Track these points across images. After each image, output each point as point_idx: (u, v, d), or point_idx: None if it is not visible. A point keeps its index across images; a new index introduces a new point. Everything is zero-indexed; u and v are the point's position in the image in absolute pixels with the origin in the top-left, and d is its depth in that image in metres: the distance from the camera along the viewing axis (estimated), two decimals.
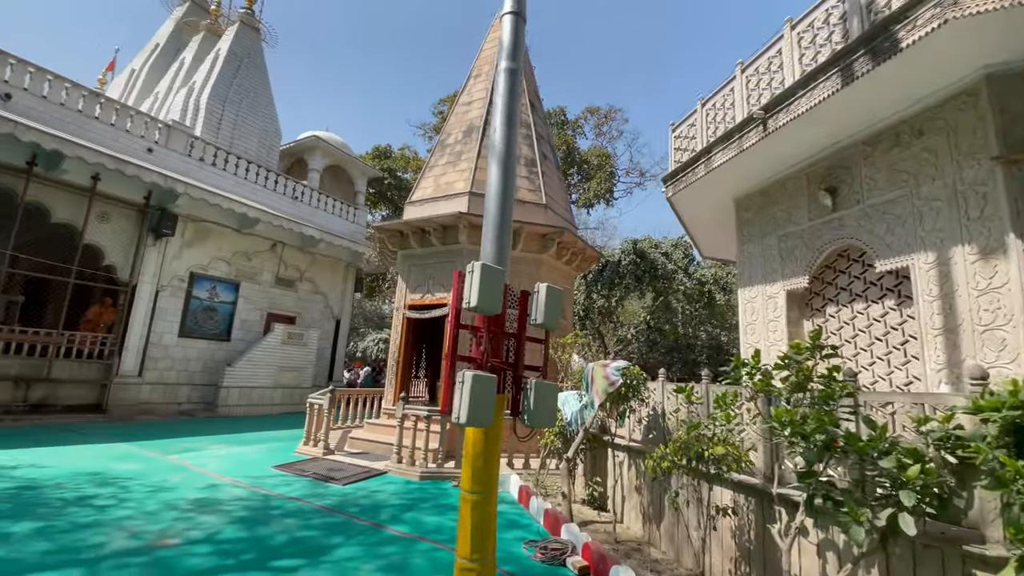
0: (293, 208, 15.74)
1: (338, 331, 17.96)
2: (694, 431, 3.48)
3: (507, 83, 3.55)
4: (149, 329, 12.73)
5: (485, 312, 2.99)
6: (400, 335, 9.62)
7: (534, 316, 3.26)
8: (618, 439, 5.43)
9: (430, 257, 9.59)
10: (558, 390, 3.88)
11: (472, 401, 2.68)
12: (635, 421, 5.25)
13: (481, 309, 2.94)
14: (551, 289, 3.23)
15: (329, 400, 8.21)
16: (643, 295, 14.95)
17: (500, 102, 3.53)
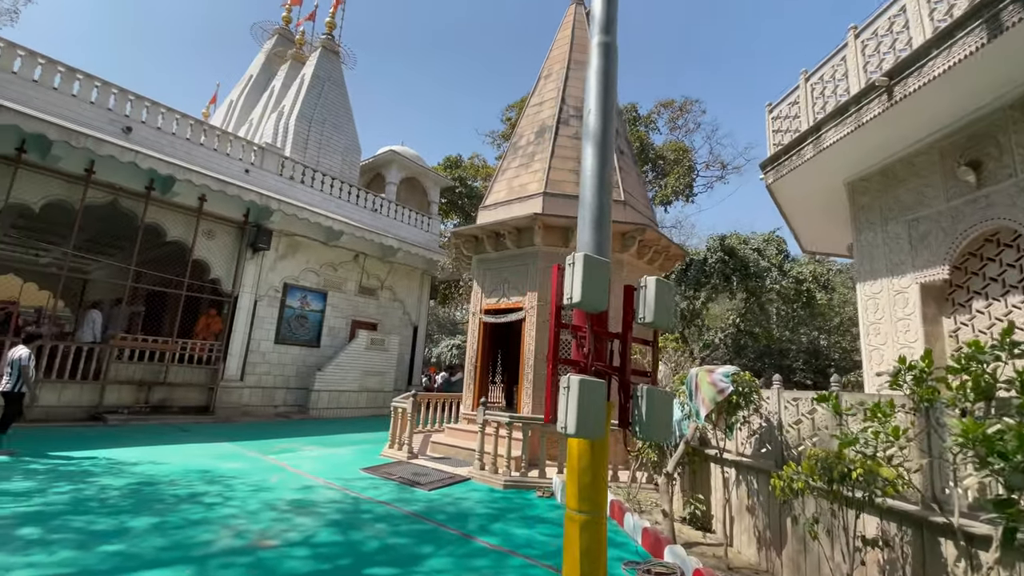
0: (373, 220, 16.38)
1: (416, 337, 18.42)
2: (850, 447, 2.94)
3: (601, 58, 3.26)
4: (249, 336, 13.70)
5: (589, 309, 2.71)
6: (477, 340, 9.56)
7: (642, 314, 2.92)
8: (725, 453, 4.90)
9: (505, 261, 9.46)
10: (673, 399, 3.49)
11: (580, 409, 2.40)
12: (745, 434, 4.71)
13: (585, 305, 2.66)
14: (661, 284, 2.88)
15: (412, 404, 8.28)
16: (733, 296, 13.90)
17: (593, 79, 3.24)
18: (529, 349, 8.65)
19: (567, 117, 10.13)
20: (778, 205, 7.39)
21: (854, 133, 5.25)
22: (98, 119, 11.58)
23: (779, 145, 6.54)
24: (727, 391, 4.34)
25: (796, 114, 6.32)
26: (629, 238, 8.92)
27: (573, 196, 9.22)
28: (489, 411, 7.43)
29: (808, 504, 3.68)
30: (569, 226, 8.75)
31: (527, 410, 8.41)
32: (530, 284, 8.91)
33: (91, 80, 11.63)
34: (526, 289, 8.97)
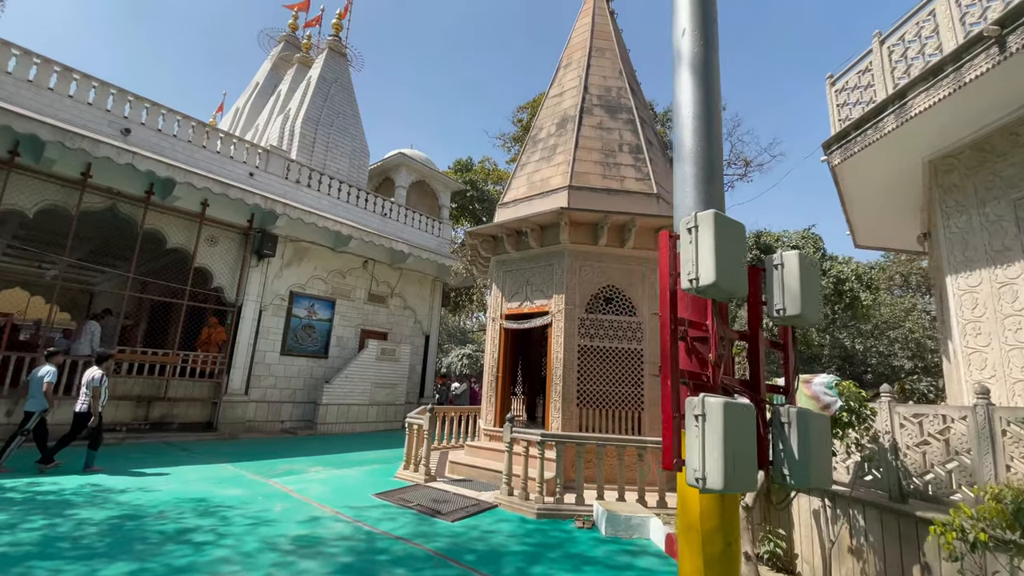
0: (382, 225, 15.72)
1: (428, 346, 17.66)
2: None
3: None
4: (254, 348, 13.01)
5: (723, 293, 1.90)
6: (498, 348, 8.77)
7: (780, 304, 2.10)
8: None
9: (527, 261, 8.70)
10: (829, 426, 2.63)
11: (728, 450, 1.58)
12: (840, 457, 3.87)
13: (718, 287, 1.85)
14: (806, 261, 2.07)
15: (429, 420, 7.49)
16: None
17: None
18: (557, 358, 7.85)
19: (590, 106, 9.40)
20: (840, 192, 6.57)
21: (952, 97, 4.45)
22: (95, 121, 11.03)
23: (846, 120, 5.75)
24: (833, 406, 3.51)
25: (869, 83, 5.53)
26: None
27: (601, 190, 8.47)
28: (520, 428, 6.61)
29: (989, 563, 2.77)
30: (598, 222, 7.98)
31: (556, 426, 7.58)
32: (556, 286, 8.13)
33: (88, 80, 11.11)
34: (551, 291, 8.19)
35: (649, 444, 6.27)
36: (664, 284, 2.13)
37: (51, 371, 7.28)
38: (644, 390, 7.81)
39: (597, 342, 7.92)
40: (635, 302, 8.12)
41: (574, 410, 7.64)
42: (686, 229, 1.97)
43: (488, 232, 8.96)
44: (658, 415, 7.74)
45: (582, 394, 7.74)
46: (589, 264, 8.17)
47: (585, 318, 7.97)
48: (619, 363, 7.88)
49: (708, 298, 2.01)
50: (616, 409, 7.74)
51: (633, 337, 8.00)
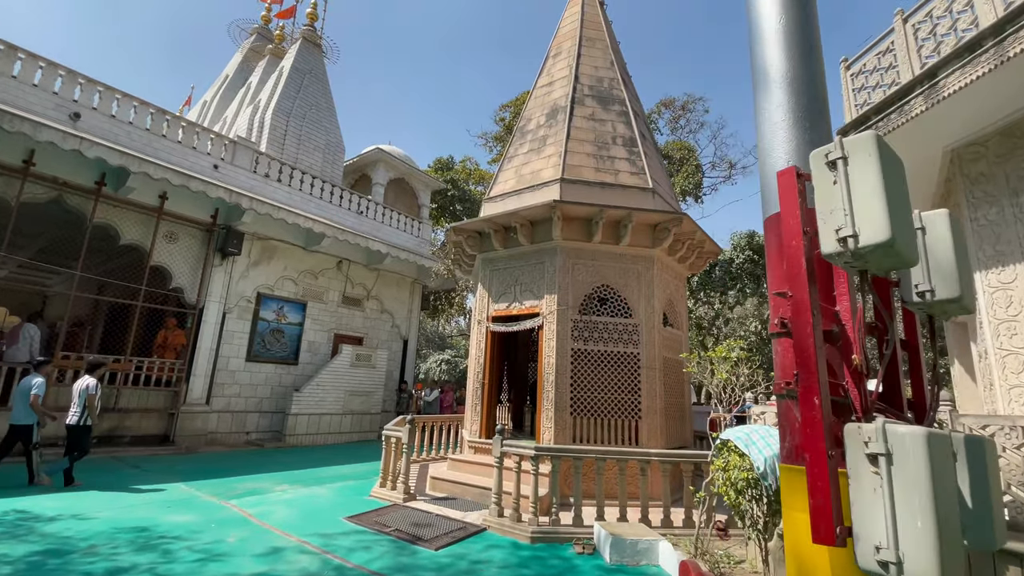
0: (358, 223, 14.93)
1: (406, 351, 16.89)
2: None
3: None
4: (216, 353, 12.05)
5: (895, 262, 1.28)
6: (484, 353, 8.13)
7: (925, 285, 1.51)
8: None
9: (516, 259, 8.11)
10: None
11: (940, 513, 0.98)
12: None
13: (893, 252, 1.23)
14: (956, 224, 1.51)
15: (409, 432, 6.79)
16: (763, 300, 12.71)
17: None
18: (549, 363, 7.26)
19: (582, 96, 8.91)
20: None
21: (992, 74, 4.06)
22: (41, 103, 10.02)
23: (864, 105, 5.36)
24: None
25: (891, 64, 5.14)
26: (662, 230, 7.65)
27: (595, 183, 7.95)
28: (511, 442, 5.98)
29: None
30: (592, 217, 7.45)
31: (548, 436, 6.98)
32: (547, 285, 7.56)
33: (35, 60, 10.10)
34: (542, 291, 7.61)
35: (653, 456, 5.72)
36: (794, 248, 1.50)
37: (39, 382, 6.83)
38: (641, 397, 7.29)
39: (592, 345, 7.37)
40: (631, 303, 7.61)
41: (567, 419, 7.06)
42: (825, 164, 1.36)
43: (474, 228, 8.34)
44: (657, 424, 7.23)
45: (576, 402, 7.17)
46: (582, 262, 7.62)
47: (579, 320, 7.42)
48: (615, 368, 7.34)
49: (857, 268, 1.41)
50: (612, 418, 7.18)
51: (629, 340, 7.48)
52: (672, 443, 7.54)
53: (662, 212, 7.43)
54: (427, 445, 9.79)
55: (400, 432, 6.93)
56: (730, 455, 4.22)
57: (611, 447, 6.97)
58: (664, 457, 5.74)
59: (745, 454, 4.09)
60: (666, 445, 7.25)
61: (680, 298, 8.78)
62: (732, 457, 4.17)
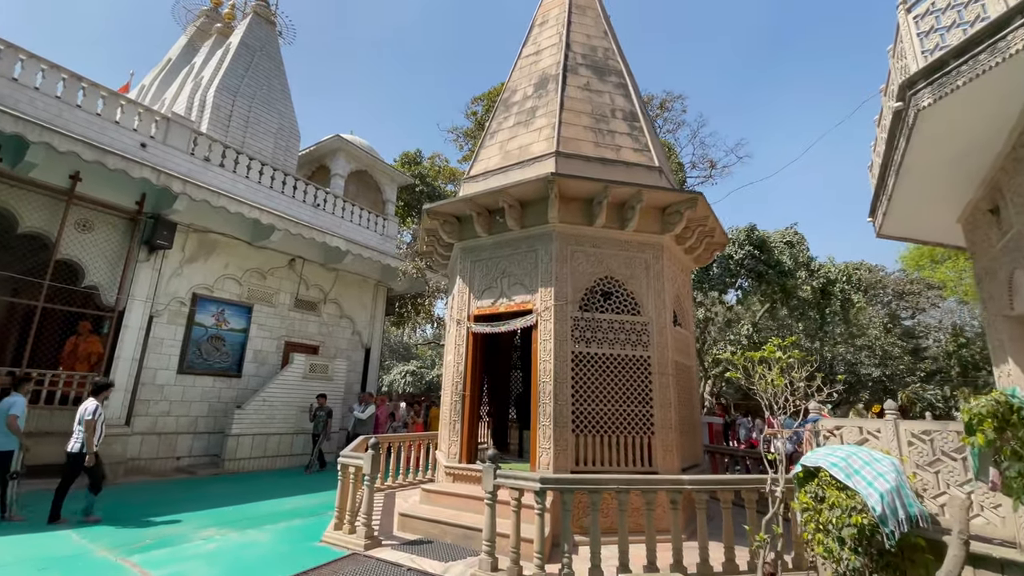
0: (314, 217, 13.32)
1: (368, 362, 15.27)
2: None
3: None
4: (141, 364, 10.19)
5: None
6: (464, 358, 6.80)
7: None
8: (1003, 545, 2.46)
9: (504, 248, 6.85)
10: None
11: None
12: None
13: None
14: None
15: (372, 460, 5.36)
16: (766, 299, 11.84)
17: None
18: (545, 370, 6.01)
19: (575, 65, 7.81)
20: (892, 158, 5.28)
21: None
22: None
23: (938, 49, 4.42)
24: None
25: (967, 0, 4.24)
26: (673, 213, 6.57)
27: (595, 159, 6.84)
28: (506, 471, 4.66)
29: None
30: (595, 195, 6.30)
31: (546, 460, 5.71)
32: (542, 277, 6.33)
33: None
34: (536, 284, 6.38)
35: (687, 484, 4.54)
36: None
37: (19, 402, 6.29)
38: (654, 409, 6.14)
39: (595, 348, 6.17)
40: (639, 298, 6.48)
41: (569, 437, 5.81)
42: None
43: (452, 210, 7.05)
44: (673, 441, 6.09)
45: (579, 417, 5.94)
46: (582, 250, 6.45)
47: (579, 318, 6.22)
48: (622, 375, 6.17)
49: None
50: (620, 434, 5.99)
51: (638, 342, 6.33)
52: (686, 462, 6.42)
53: (676, 191, 6.37)
54: (391, 469, 8.33)
55: (360, 459, 5.50)
56: (825, 489, 3.07)
57: (622, 471, 5.78)
58: (703, 486, 4.56)
59: (849, 488, 2.95)
60: (681, 465, 6.11)
61: (687, 294, 7.75)
62: (830, 493, 3.01)
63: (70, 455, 6.23)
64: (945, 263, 24.45)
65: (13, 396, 6.41)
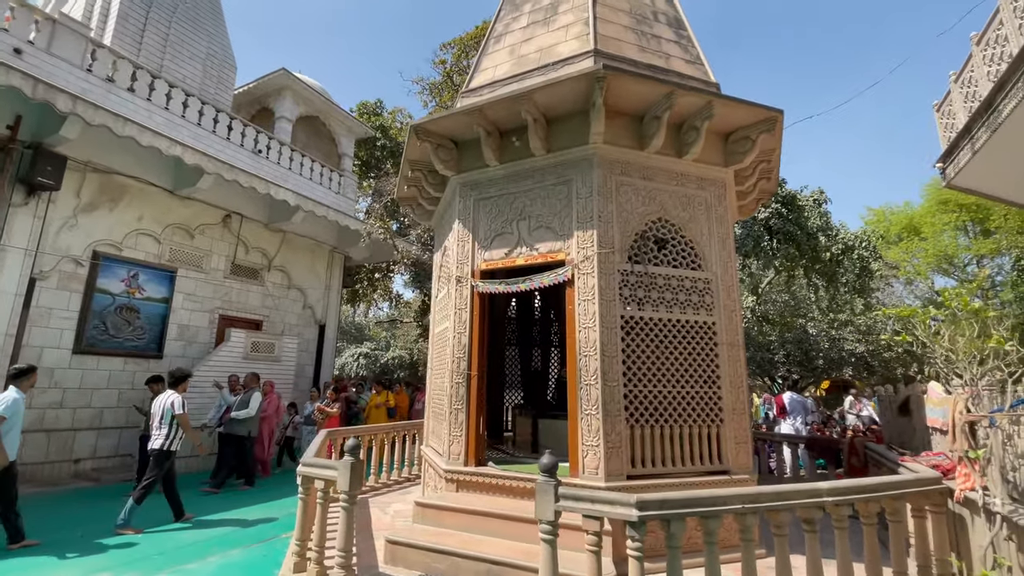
0: (255, 166, 10.99)
1: (323, 340, 13.19)
2: None
3: None
4: (18, 341, 7.78)
5: None
6: (469, 328, 5.10)
7: None
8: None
9: (521, 180, 5.14)
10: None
11: None
12: None
13: None
14: None
15: (352, 471, 3.59)
16: (792, 265, 10.70)
17: None
18: (587, 340, 4.43)
19: None
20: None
21: None
22: None
23: None
24: None
25: None
26: (742, 140, 5.10)
27: (643, 66, 5.21)
28: (573, 488, 3.03)
29: None
30: (651, 107, 4.71)
31: (594, 461, 4.17)
32: (579, 218, 4.70)
33: None
34: (571, 228, 4.74)
35: (825, 496, 3.13)
36: None
37: (11, 399, 4.94)
38: (722, 390, 4.71)
39: (649, 311, 4.65)
40: (700, 248, 5.00)
41: (623, 430, 4.28)
42: None
43: (450, 129, 5.25)
44: (745, 431, 4.72)
45: (632, 402, 4.42)
46: (630, 183, 4.86)
47: (629, 272, 4.66)
48: (683, 346, 4.69)
49: None
50: (682, 424, 4.53)
51: (701, 303, 4.86)
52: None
53: (755, 105, 4.86)
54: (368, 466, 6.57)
55: (332, 471, 3.71)
56: None
57: (686, 472, 4.36)
58: (848, 495, 3.15)
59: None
60: (747, 462, 4.74)
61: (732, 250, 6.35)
62: None
63: (154, 452, 5.73)
64: (900, 243, 24.86)
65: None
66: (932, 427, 4.72)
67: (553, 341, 8.15)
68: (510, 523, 4.11)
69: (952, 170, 6.22)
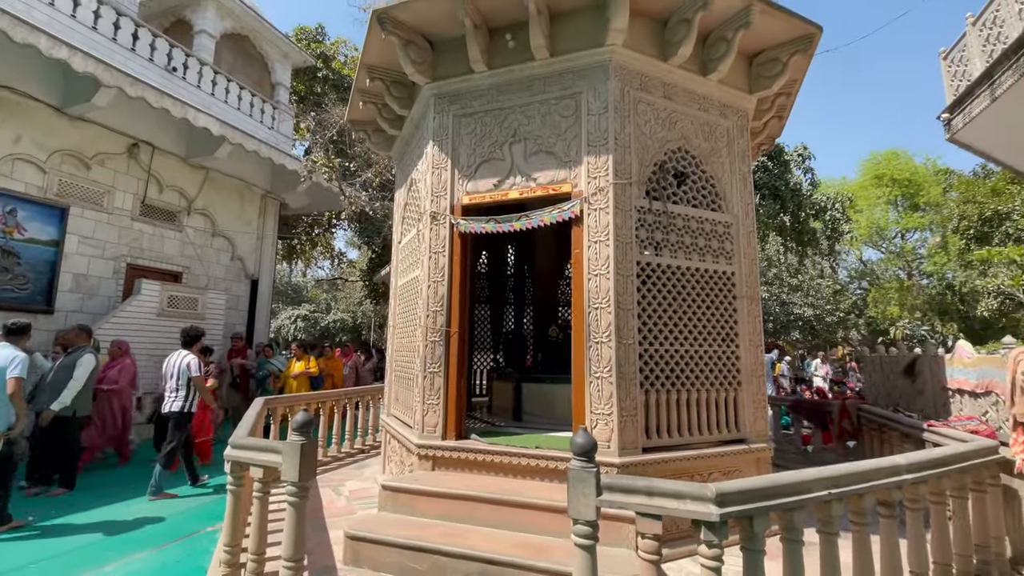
0: (170, 86, 9.12)
1: (256, 297, 11.70)
2: None
3: None
4: None
5: None
6: (448, 275, 4.17)
7: None
8: None
9: (516, 91, 4.16)
10: None
11: None
12: None
13: None
14: None
15: (302, 455, 2.65)
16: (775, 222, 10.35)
17: None
18: (599, 290, 3.65)
19: None
20: None
21: None
22: None
23: None
24: None
25: None
26: (771, 62, 4.39)
27: None
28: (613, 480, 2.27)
29: None
30: (679, 7, 3.84)
31: (605, 432, 3.47)
32: (590, 140, 3.82)
33: None
34: (579, 152, 3.86)
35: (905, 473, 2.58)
36: None
37: (19, 359, 4.32)
38: (740, 348, 4.14)
39: (667, 258, 3.93)
40: (720, 186, 4.31)
41: (637, 395, 3.59)
42: None
43: (424, 20, 4.14)
44: (761, 395, 4.20)
45: (647, 363, 3.72)
46: (649, 101, 4.02)
47: (646, 209, 3.88)
48: (700, 299, 4.04)
49: None
50: (698, 388, 3.91)
51: (721, 250, 4.21)
52: None
53: (795, 17, 4.10)
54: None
55: (274, 455, 2.75)
56: None
57: (702, 442, 3.78)
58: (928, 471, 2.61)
59: None
60: (764, 429, 4.24)
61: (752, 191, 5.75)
62: None
63: (173, 415, 5.39)
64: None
65: (8, 348, 4.42)
66: (955, 389, 4.41)
67: (527, 299, 7.36)
68: (503, 509, 3.36)
69: (961, 120, 5.87)
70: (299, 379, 8.09)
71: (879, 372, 6.01)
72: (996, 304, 11.02)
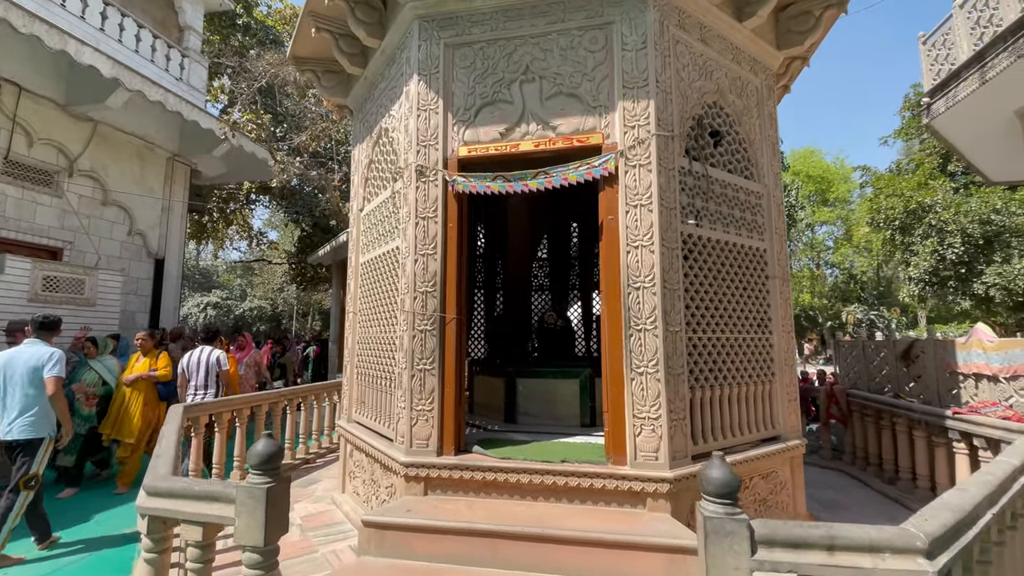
0: (45, 10, 7.20)
1: (161, 280, 9.89)
2: None
3: None
4: None
5: None
6: (442, 246, 3.29)
7: None
8: None
9: (528, 17, 3.34)
10: None
11: None
12: None
13: None
14: None
15: (267, 504, 1.74)
16: None
17: None
18: (641, 265, 2.96)
19: None
20: None
21: None
22: None
23: None
24: None
25: None
26: (803, 15, 3.91)
27: None
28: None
29: None
30: None
31: (652, 440, 2.81)
32: (626, 81, 3.10)
33: None
34: (611, 96, 3.13)
35: None
36: None
37: (56, 356, 3.80)
38: (773, 335, 3.67)
39: (707, 230, 3.34)
40: (752, 150, 3.79)
41: (685, 394, 2.97)
42: None
43: None
44: (794, 386, 3.78)
45: (692, 354, 3.11)
46: (688, 43, 3.37)
47: (687, 171, 3.26)
48: (738, 279, 3.51)
49: None
50: (738, 382, 3.39)
51: (753, 224, 3.70)
52: None
53: None
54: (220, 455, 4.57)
55: (223, 504, 1.79)
56: None
57: (742, 443, 3.26)
58: None
59: None
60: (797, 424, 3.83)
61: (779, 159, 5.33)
62: None
63: None
64: None
65: (42, 345, 3.86)
66: (970, 374, 4.27)
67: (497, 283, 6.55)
68: (529, 546, 2.61)
69: (943, 104, 5.84)
70: (136, 386, 5.37)
71: (860, 358, 5.92)
72: (917, 290, 11.89)
